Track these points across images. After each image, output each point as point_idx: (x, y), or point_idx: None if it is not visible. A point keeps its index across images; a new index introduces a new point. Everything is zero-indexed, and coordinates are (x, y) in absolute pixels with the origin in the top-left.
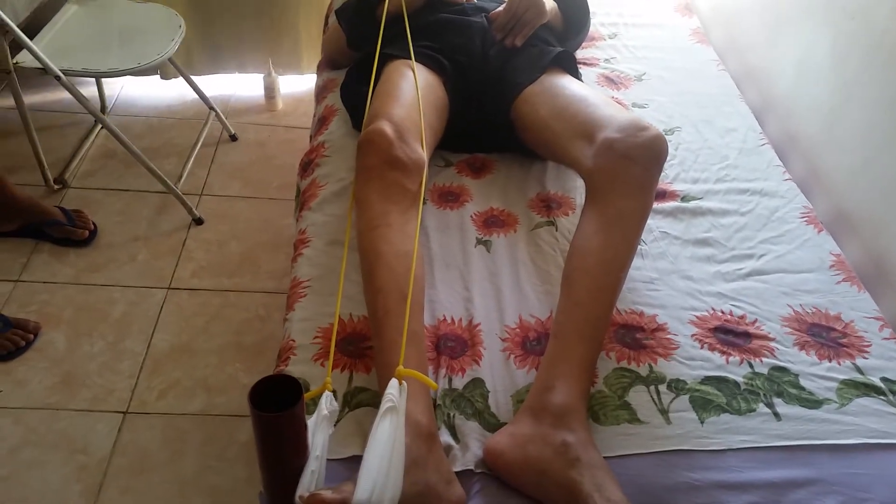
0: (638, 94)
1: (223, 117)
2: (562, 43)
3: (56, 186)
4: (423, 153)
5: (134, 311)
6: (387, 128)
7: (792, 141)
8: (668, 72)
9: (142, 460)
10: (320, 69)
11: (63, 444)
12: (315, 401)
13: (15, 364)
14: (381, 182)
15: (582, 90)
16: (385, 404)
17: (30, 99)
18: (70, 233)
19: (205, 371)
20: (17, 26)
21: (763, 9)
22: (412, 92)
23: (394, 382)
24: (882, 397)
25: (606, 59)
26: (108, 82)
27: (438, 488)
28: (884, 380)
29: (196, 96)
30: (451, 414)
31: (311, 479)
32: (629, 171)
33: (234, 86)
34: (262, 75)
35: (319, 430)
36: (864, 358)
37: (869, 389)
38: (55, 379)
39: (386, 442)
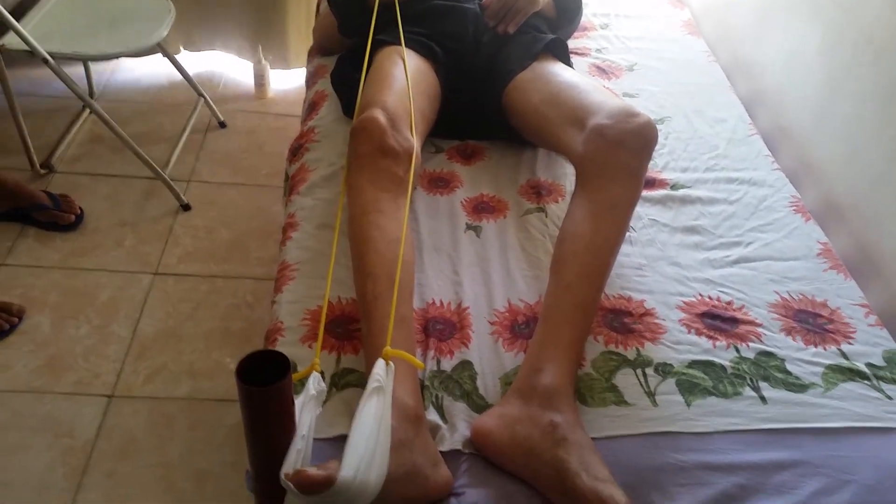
0: (629, 83)
1: (212, 104)
2: (554, 32)
3: (42, 171)
4: (415, 141)
5: (120, 295)
6: (380, 116)
7: (781, 132)
8: (659, 62)
9: (127, 444)
10: (311, 55)
11: (47, 428)
12: (303, 382)
13: None
14: (374, 170)
15: (573, 77)
16: (371, 384)
17: (16, 82)
18: (56, 217)
19: (191, 356)
20: (4, 7)
21: (753, 1)
22: (405, 79)
23: (380, 363)
24: (867, 382)
25: (598, 49)
26: (96, 68)
27: (425, 470)
28: (869, 365)
29: (185, 82)
30: (440, 395)
31: (297, 457)
32: (619, 157)
33: (224, 73)
34: (251, 63)
35: (306, 409)
36: (850, 344)
37: (854, 374)
38: (40, 362)
39: (372, 421)
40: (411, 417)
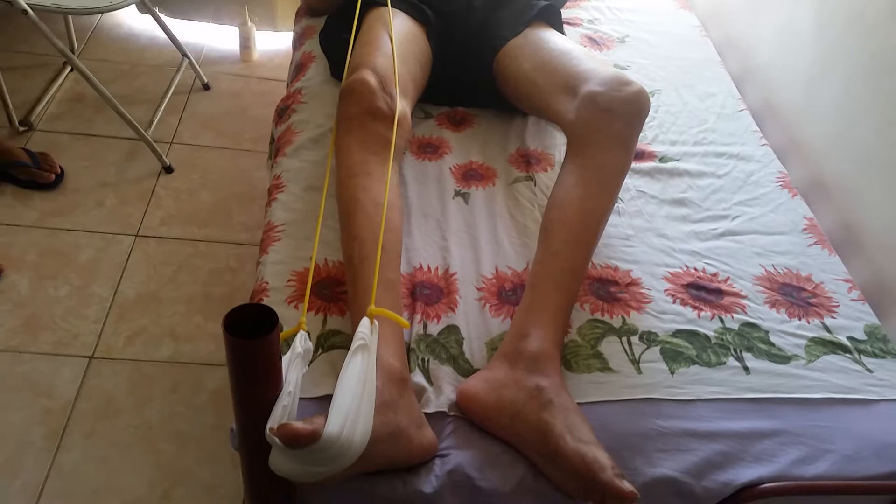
0: (620, 55)
1: (196, 65)
2: None
3: (21, 129)
4: (406, 106)
5: (100, 256)
6: (370, 78)
7: (770, 109)
8: (651, 35)
9: (107, 405)
10: (299, 16)
11: (26, 387)
12: (289, 342)
13: None
14: (362, 132)
15: (566, 44)
16: (356, 342)
17: None
18: (35, 175)
19: (172, 319)
20: None
21: None
22: (396, 42)
23: (365, 321)
24: (848, 355)
25: (590, 20)
26: (78, 25)
27: (409, 431)
28: (850, 339)
29: (169, 43)
30: (426, 358)
31: (282, 413)
32: (611, 125)
33: (208, 34)
34: (236, 27)
35: (293, 367)
36: (833, 318)
37: (836, 347)
38: (17, 321)
39: (357, 379)
40: (396, 379)
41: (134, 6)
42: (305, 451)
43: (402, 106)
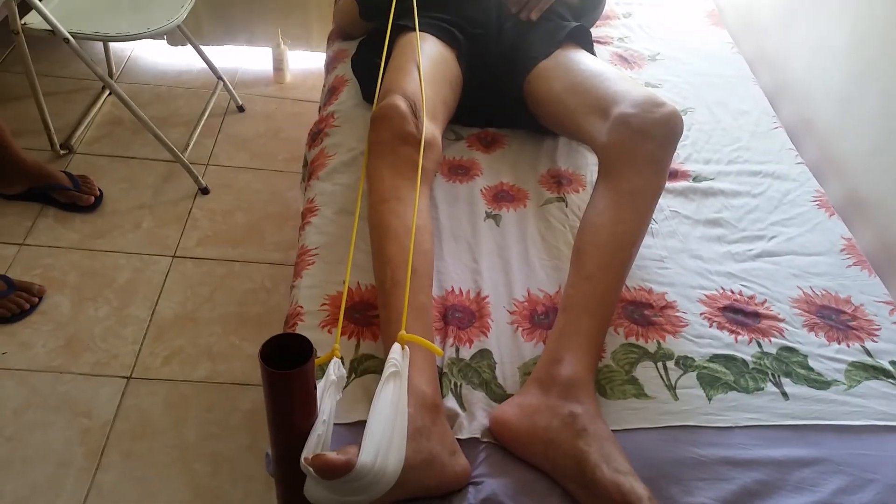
0: (652, 73)
1: (231, 88)
2: (577, 19)
3: (62, 152)
4: (437, 130)
5: (138, 277)
6: (401, 103)
7: (806, 125)
8: (683, 52)
9: (144, 425)
10: (331, 40)
11: (66, 407)
12: (323, 367)
13: (19, 326)
14: (394, 157)
15: (597, 65)
16: (388, 369)
17: (38, 63)
18: (76, 198)
19: (209, 339)
20: None
21: None
22: (427, 66)
23: (396, 347)
24: (890, 380)
25: (620, 38)
26: (116, 51)
27: (443, 458)
28: (893, 363)
29: (204, 66)
30: (458, 383)
31: (317, 442)
32: (644, 147)
33: (242, 57)
34: (270, 48)
35: (327, 395)
36: (874, 341)
37: (877, 372)
38: (59, 342)
39: (389, 407)
40: (429, 405)
41: (165, 41)
42: (340, 481)
43: (433, 129)
